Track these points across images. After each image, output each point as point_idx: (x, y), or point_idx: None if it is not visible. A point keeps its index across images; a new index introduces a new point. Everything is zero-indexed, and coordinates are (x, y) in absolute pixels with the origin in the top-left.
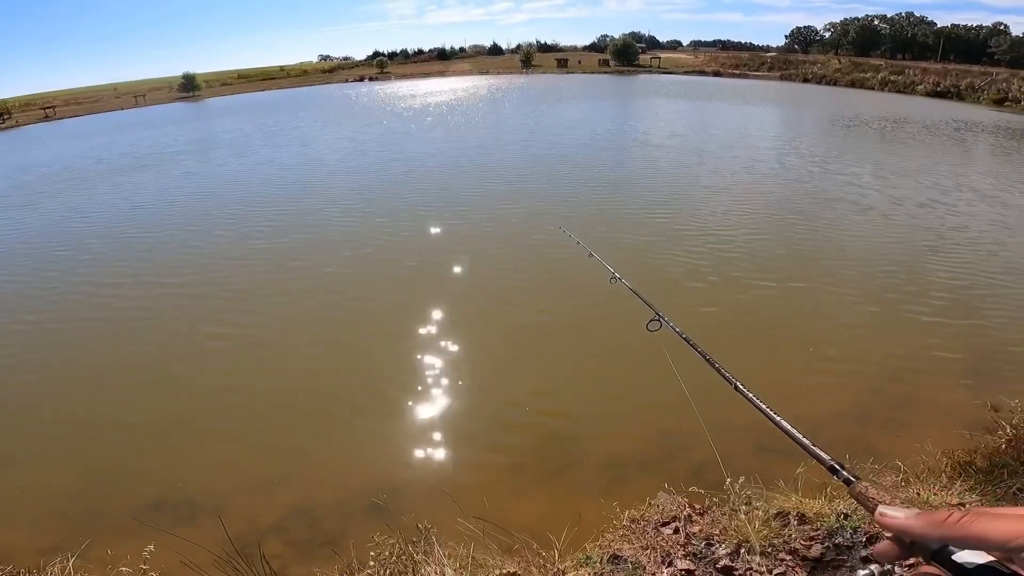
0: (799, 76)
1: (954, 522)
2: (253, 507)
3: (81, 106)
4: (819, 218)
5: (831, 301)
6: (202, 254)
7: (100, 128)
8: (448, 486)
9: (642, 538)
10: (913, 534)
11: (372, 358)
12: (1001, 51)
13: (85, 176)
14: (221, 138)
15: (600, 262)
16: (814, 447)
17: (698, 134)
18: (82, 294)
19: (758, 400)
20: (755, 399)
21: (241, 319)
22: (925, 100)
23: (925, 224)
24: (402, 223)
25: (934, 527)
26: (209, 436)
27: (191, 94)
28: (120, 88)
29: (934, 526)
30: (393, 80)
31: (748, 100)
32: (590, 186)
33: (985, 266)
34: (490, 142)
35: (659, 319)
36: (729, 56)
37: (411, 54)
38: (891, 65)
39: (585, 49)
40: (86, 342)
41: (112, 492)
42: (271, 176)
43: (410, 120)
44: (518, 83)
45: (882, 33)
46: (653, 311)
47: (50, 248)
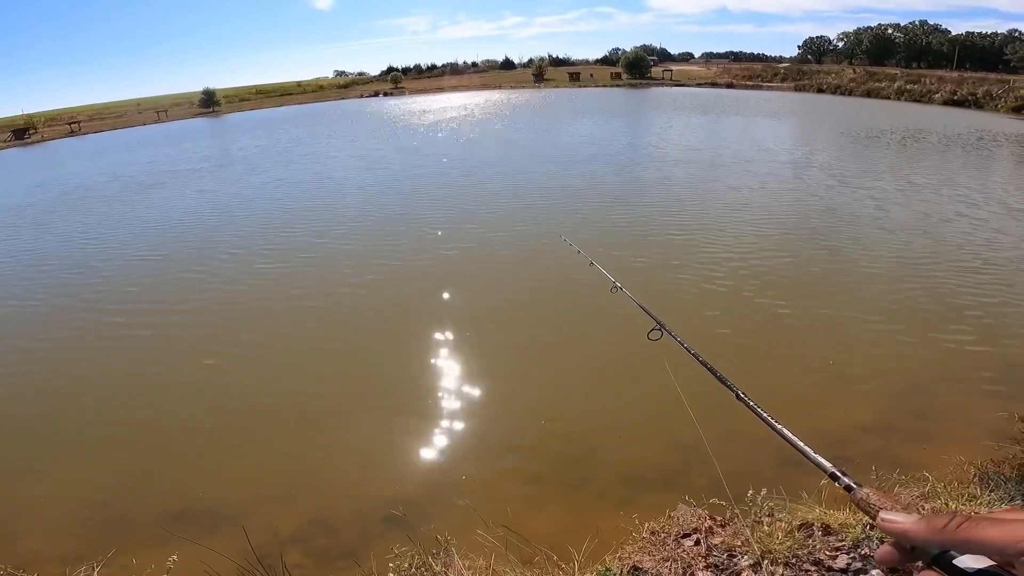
0: (813, 87)
1: (954, 527)
2: (273, 517)
3: (105, 121)
4: (837, 233)
5: (850, 315)
6: (227, 264)
7: (120, 144)
8: (465, 498)
9: (662, 550)
10: (914, 539)
11: (385, 371)
12: (1017, 58)
13: (101, 194)
14: (236, 155)
15: (600, 271)
16: (815, 455)
17: (713, 148)
18: (99, 311)
19: (759, 408)
20: (756, 407)
21: (260, 332)
22: (943, 109)
23: (947, 238)
24: (411, 237)
25: (935, 532)
26: (229, 447)
27: (211, 109)
28: (143, 104)
29: (935, 531)
30: (407, 95)
31: (763, 112)
32: (606, 203)
33: (1009, 278)
34: (501, 158)
35: (660, 328)
36: (742, 67)
37: (424, 69)
38: (907, 74)
39: (597, 63)
40: (105, 357)
41: (134, 502)
42: (285, 192)
43: (422, 136)
44: (531, 98)
45: (896, 42)
46: (654, 320)
47: (61, 266)
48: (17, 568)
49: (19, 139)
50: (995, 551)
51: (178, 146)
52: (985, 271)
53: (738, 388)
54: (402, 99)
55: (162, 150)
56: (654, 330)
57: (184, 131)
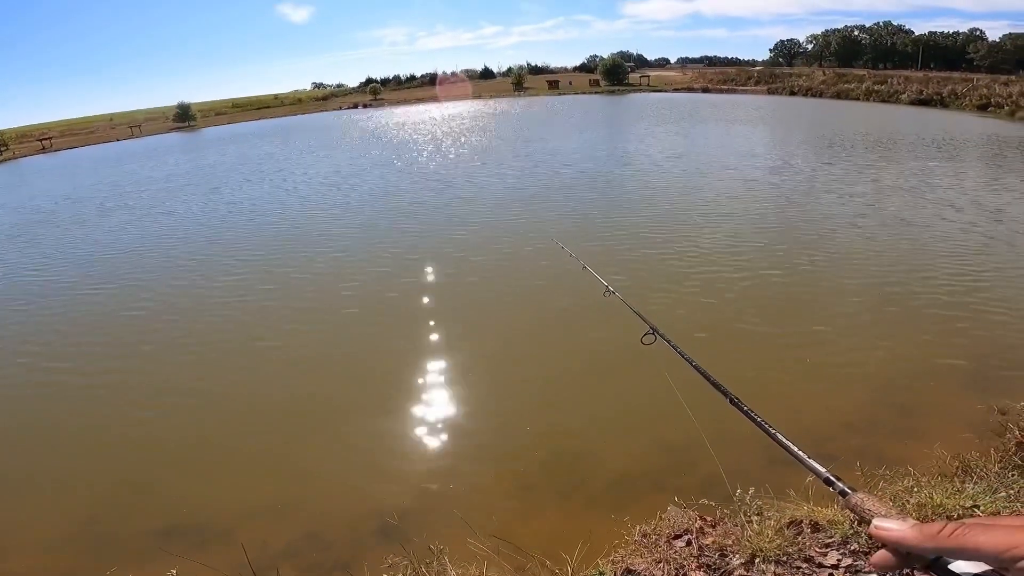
0: (786, 89)
1: (948, 534)
2: (264, 531)
3: (77, 137)
4: (818, 234)
5: (832, 313)
6: (213, 272)
7: (88, 161)
8: (458, 507)
9: (655, 552)
10: (909, 546)
11: (374, 382)
12: (979, 56)
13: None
14: (205, 172)
15: (593, 275)
16: (810, 460)
17: (698, 155)
18: (83, 325)
19: (754, 413)
20: (751, 412)
21: (248, 343)
22: (910, 109)
23: (924, 234)
24: (400, 245)
25: (929, 539)
26: (218, 461)
27: (186, 124)
28: (116, 118)
29: (929, 538)
30: (387, 106)
31: (740, 119)
32: (599, 208)
33: (983, 270)
34: (489, 168)
35: (653, 333)
36: (717, 72)
37: (404, 80)
38: (874, 75)
39: (575, 70)
40: (93, 370)
41: (125, 517)
42: (270, 207)
43: (401, 148)
44: (511, 108)
45: (863, 43)
46: (648, 325)
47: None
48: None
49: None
50: (989, 558)
51: (143, 164)
52: (961, 268)
53: (732, 392)
54: (381, 110)
55: (126, 167)
56: (647, 334)
57: (154, 147)
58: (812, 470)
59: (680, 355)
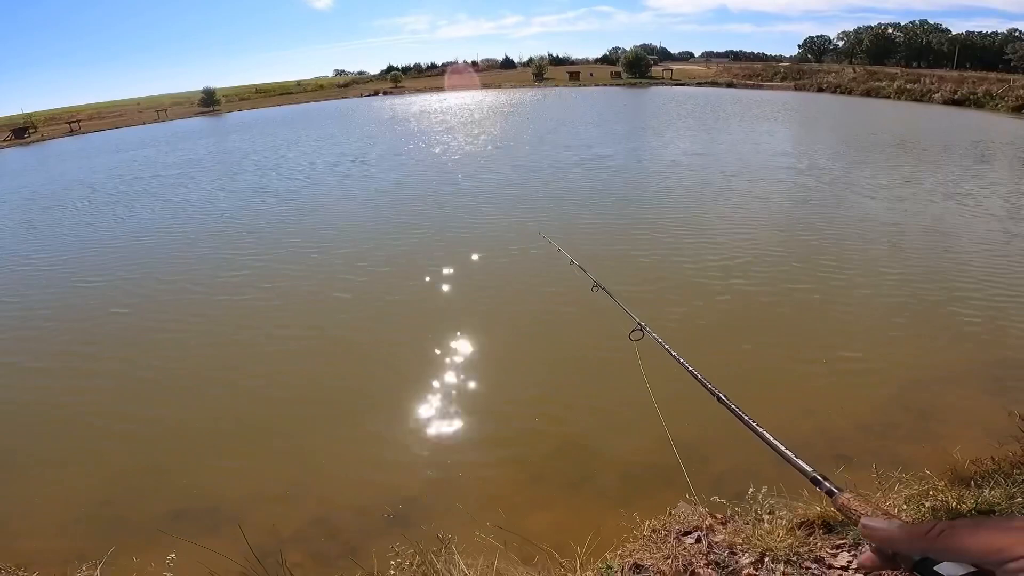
0: (814, 86)
1: (935, 535)
2: (273, 516)
3: (105, 120)
4: (832, 234)
5: (847, 316)
6: (234, 257)
7: (110, 145)
8: (466, 497)
9: (663, 548)
10: (896, 545)
11: (382, 371)
12: (1017, 57)
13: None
14: (225, 157)
15: (581, 271)
16: (796, 459)
17: (724, 155)
18: (96, 309)
19: (740, 411)
20: (737, 409)
21: (256, 330)
22: (943, 108)
23: (943, 238)
24: (402, 240)
25: (916, 539)
26: (228, 447)
27: (211, 109)
28: (143, 103)
29: (916, 538)
30: (407, 94)
31: (767, 116)
32: (602, 206)
33: (1006, 275)
34: (504, 166)
35: (641, 328)
36: (742, 67)
37: (424, 68)
38: (907, 73)
39: (597, 62)
40: (106, 354)
41: (135, 500)
42: (279, 193)
43: (419, 136)
44: (531, 98)
45: (896, 41)
46: (636, 320)
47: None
48: (18, 567)
49: (19, 138)
50: (975, 560)
51: (163, 148)
52: (989, 271)
53: (720, 391)
54: (402, 97)
55: (143, 152)
56: (635, 331)
57: (180, 131)
58: (799, 469)
59: (667, 351)
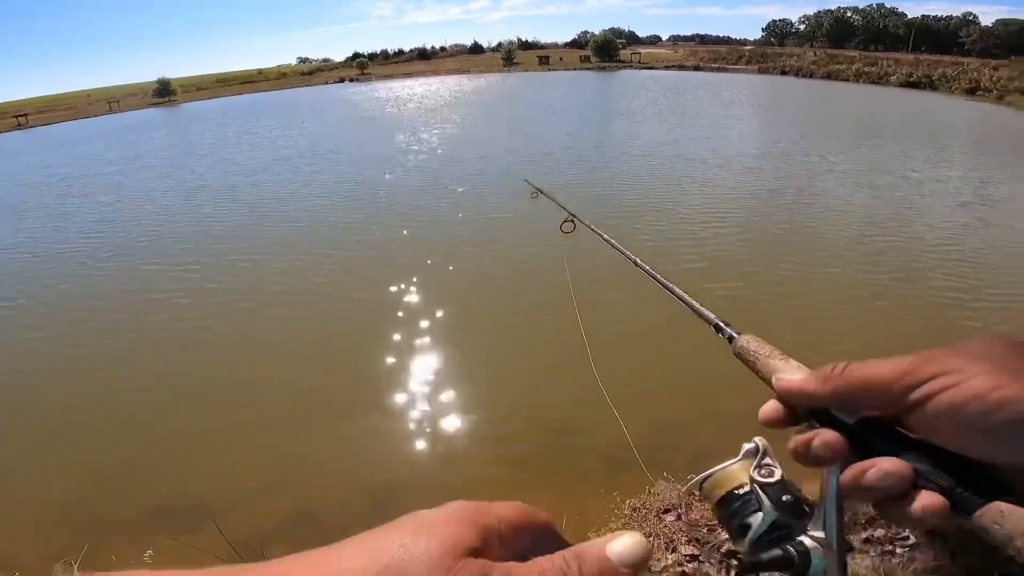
0: (776, 69)
1: (839, 372)
2: (255, 510)
3: (55, 113)
4: (809, 219)
5: (820, 298)
6: (209, 250)
7: (54, 141)
8: (449, 483)
9: (644, 526)
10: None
11: (361, 359)
12: (971, 41)
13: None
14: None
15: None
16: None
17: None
18: (76, 302)
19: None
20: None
21: (233, 321)
22: (899, 91)
23: (899, 220)
24: (378, 224)
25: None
26: (206, 441)
27: (166, 99)
28: (93, 95)
29: (822, 380)
30: (374, 81)
31: (736, 101)
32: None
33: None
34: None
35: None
36: (708, 50)
37: (392, 55)
38: (865, 56)
39: (566, 46)
40: (79, 350)
41: (113, 499)
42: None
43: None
44: (500, 83)
45: (855, 25)
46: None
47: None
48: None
49: None
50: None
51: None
52: (964, 256)
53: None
54: (368, 84)
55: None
56: (566, 222)
57: (127, 124)
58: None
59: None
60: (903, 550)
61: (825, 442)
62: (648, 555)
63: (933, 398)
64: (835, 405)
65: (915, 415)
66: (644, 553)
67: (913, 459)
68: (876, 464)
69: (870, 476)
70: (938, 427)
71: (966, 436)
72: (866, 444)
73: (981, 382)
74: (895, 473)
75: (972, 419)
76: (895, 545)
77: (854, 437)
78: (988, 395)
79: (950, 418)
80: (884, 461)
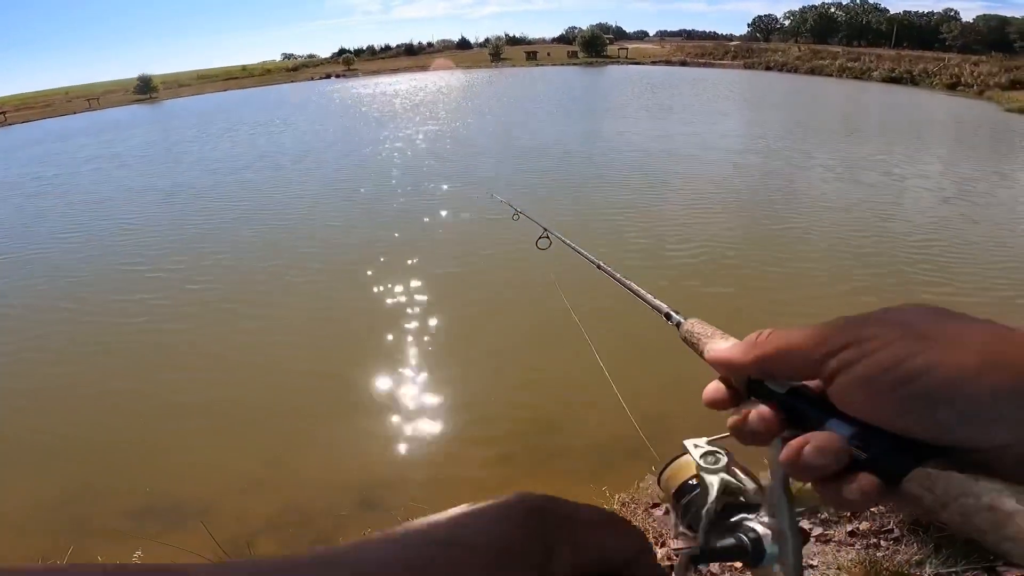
0: (762, 64)
1: (764, 338)
2: (242, 508)
3: (33, 111)
4: (789, 212)
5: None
6: (202, 245)
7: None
8: (437, 479)
9: (633, 521)
10: (732, 362)
11: (347, 354)
12: (952, 37)
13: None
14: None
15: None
16: (653, 298)
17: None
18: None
19: (615, 272)
20: (612, 272)
21: (220, 320)
22: (881, 86)
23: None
24: (359, 221)
25: (749, 348)
26: (192, 440)
27: (148, 96)
28: (72, 92)
29: (748, 347)
30: (360, 77)
31: (721, 95)
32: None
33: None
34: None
35: (548, 235)
36: (694, 45)
37: (378, 50)
38: (848, 52)
39: (554, 41)
40: (61, 349)
41: (97, 499)
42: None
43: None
44: (487, 79)
45: (838, 20)
46: (541, 227)
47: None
48: None
49: None
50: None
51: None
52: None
53: (599, 260)
54: (356, 80)
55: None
56: (542, 238)
57: (103, 122)
58: (654, 307)
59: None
60: (887, 543)
61: (759, 415)
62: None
63: (846, 368)
64: (759, 374)
65: (832, 385)
66: None
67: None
68: (810, 439)
69: (806, 454)
70: (853, 399)
71: (880, 409)
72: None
73: (894, 351)
74: (828, 448)
75: (884, 390)
76: (879, 538)
77: (787, 409)
78: (900, 364)
79: (863, 389)
80: (818, 436)
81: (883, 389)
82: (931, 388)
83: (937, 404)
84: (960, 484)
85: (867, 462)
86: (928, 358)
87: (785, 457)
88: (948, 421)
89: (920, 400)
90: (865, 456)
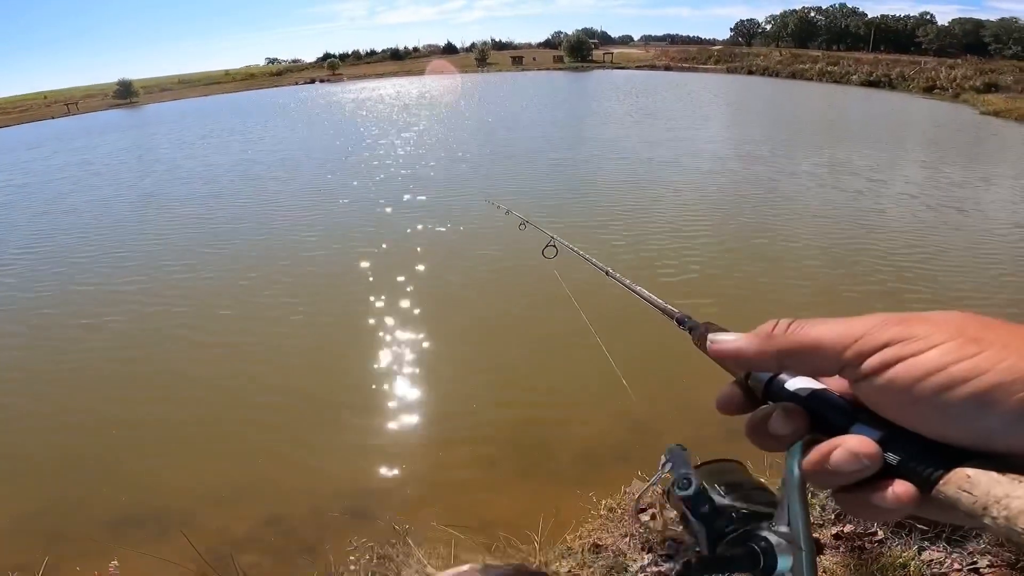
0: (744, 69)
1: (783, 330)
2: (224, 518)
3: (10, 115)
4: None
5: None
6: (181, 251)
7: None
8: (422, 487)
9: (621, 526)
10: (746, 355)
11: (331, 363)
12: (928, 40)
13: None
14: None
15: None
16: (666, 304)
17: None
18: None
19: (625, 279)
20: (622, 279)
21: (205, 327)
22: (860, 89)
23: (859, 213)
24: (341, 235)
25: (765, 341)
26: (174, 451)
27: (128, 101)
28: (51, 96)
29: (764, 339)
30: (345, 81)
31: (708, 102)
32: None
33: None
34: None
35: (554, 244)
36: (678, 50)
37: (363, 55)
38: (828, 56)
39: (540, 46)
40: (41, 359)
41: (75, 509)
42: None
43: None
44: (473, 84)
45: (818, 25)
46: (547, 235)
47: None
48: None
49: None
50: (829, 355)
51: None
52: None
53: (608, 267)
54: (339, 85)
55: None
56: (548, 247)
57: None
58: (666, 312)
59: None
60: (872, 545)
61: (783, 416)
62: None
63: (887, 369)
64: (777, 370)
65: (864, 385)
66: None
67: (868, 434)
68: (840, 443)
69: (837, 459)
70: (890, 401)
71: (919, 413)
72: (820, 419)
73: (941, 352)
74: (863, 453)
75: (927, 394)
76: (864, 540)
77: (809, 411)
78: (948, 368)
79: (904, 392)
80: (850, 440)
81: (926, 392)
82: (979, 393)
83: (984, 410)
84: (1004, 485)
85: (899, 467)
86: (977, 363)
87: (811, 462)
88: (993, 427)
89: (966, 406)
90: (898, 461)
